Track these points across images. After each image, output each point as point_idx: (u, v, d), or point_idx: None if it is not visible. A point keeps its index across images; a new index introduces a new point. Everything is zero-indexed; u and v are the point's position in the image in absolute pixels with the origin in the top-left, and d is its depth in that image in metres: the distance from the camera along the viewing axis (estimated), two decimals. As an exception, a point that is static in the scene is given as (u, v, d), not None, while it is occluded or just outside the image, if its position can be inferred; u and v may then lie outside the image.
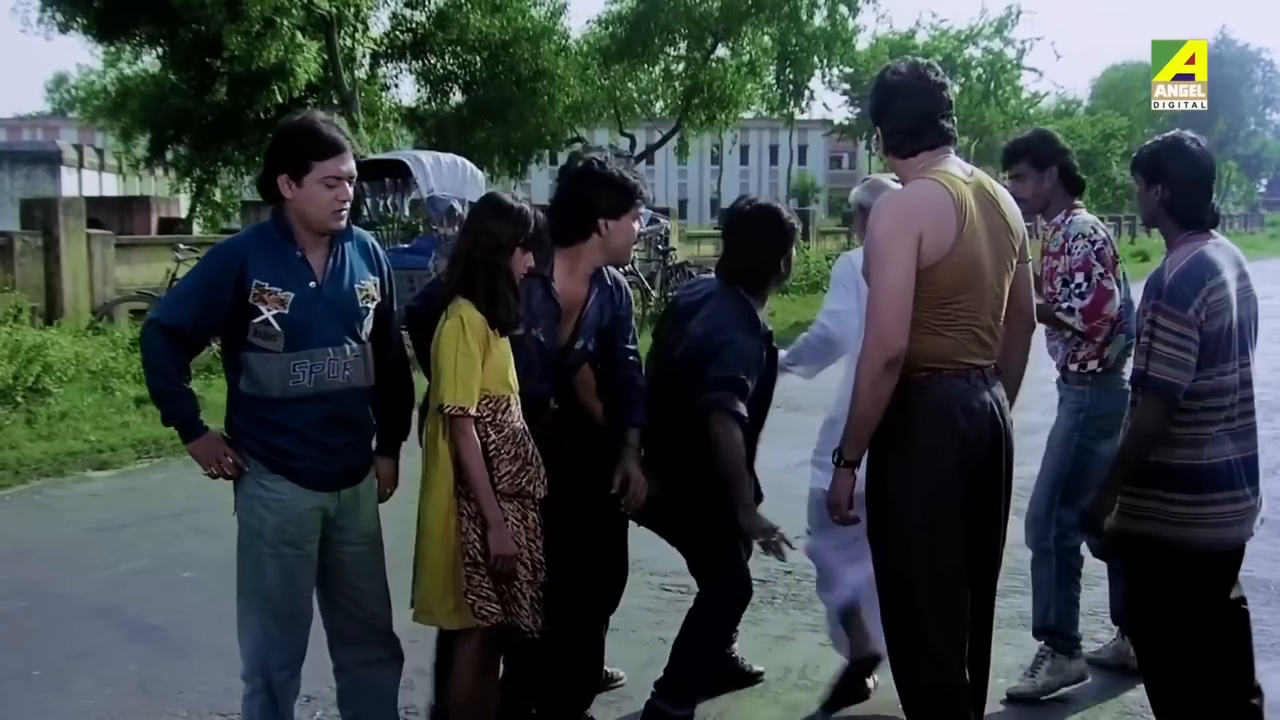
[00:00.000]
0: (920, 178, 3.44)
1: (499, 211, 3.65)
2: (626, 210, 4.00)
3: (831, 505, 3.54)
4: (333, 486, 3.53)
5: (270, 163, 3.46)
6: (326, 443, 3.48)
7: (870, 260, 3.41)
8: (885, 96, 3.56)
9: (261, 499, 3.46)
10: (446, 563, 3.60)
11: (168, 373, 3.42)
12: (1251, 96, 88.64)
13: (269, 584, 3.50)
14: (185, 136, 25.57)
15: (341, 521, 3.57)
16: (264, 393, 3.42)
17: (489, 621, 3.61)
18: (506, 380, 3.62)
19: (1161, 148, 3.73)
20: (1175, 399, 3.51)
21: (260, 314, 3.37)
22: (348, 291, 3.51)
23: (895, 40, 36.97)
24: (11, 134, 62.03)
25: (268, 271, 3.40)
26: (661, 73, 34.55)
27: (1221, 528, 3.60)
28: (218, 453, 3.44)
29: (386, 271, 3.67)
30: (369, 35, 26.14)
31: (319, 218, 3.44)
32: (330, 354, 3.44)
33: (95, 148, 35.42)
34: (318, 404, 3.44)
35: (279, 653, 3.55)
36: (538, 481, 3.67)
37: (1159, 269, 3.63)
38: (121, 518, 7.46)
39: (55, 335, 11.31)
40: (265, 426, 3.44)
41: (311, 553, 3.54)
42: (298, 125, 3.48)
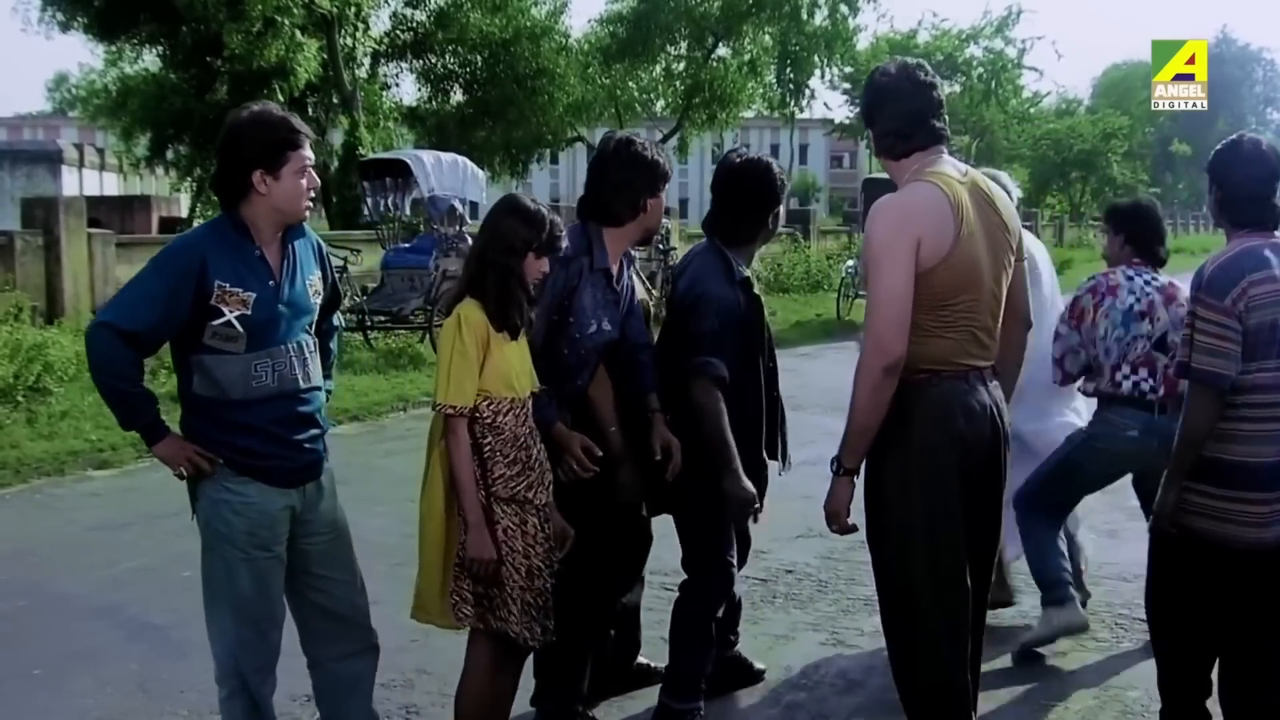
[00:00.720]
0: (916, 180, 3.42)
1: (516, 213, 3.61)
2: (663, 187, 4.04)
3: (829, 515, 3.52)
4: (299, 482, 3.49)
5: (238, 160, 3.34)
6: (291, 439, 3.43)
7: (868, 265, 3.40)
8: (875, 98, 3.55)
9: (229, 503, 3.38)
10: (439, 562, 3.59)
11: (127, 375, 3.32)
12: (1252, 96, 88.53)
13: (241, 589, 3.42)
14: (186, 136, 25.59)
15: (306, 516, 3.52)
16: (225, 394, 3.33)
17: (464, 624, 3.60)
18: (510, 383, 3.58)
19: (1219, 151, 3.74)
20: (1222, 388, 3.48)
21: (222, 315, 3.29)
22: (301, 289, 3.46)
23: (896, 39, 36.97)
24: (12, 133, 62.04)
25: (229, 272, 3.30)
26: (662, 72, 34.57)
27: (1249, 528, 3.55)
28: (186, 451, 3.36)
29: (326, 260, 3.66)
30: (369, 34, 26.16)
31: (294, 209, 3.40)
32: (290, 351, 3.40)
33: (96, 147, 35.42)
34: (280, 403, 3.39)
35: (255, 656, 3.50)
36: (540, 488, 3.64)
37: (1204, 263, 3.65)
38: (122, 517, 7.46)
39: (56, 335, 11.31)
40: (228, 428, 3.35)
41: (281, 554, 3.49)
42: (261, 117, 3.38)
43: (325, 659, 3.69)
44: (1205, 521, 3.57)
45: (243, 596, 3.44)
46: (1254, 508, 3.53)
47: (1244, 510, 3.54)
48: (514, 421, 3.59)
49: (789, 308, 20.11)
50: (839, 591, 5.83)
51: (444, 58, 28.77)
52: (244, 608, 3.46)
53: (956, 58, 36.45)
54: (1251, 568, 3.58)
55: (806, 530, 6.63)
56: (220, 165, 3.44)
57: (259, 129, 3.34)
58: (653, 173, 3.98)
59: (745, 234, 4.23)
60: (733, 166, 4.25)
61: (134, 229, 19.02)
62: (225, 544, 3.41)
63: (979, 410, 3.43)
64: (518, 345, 3.63)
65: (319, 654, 3.69)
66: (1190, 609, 3.70)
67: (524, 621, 3.61)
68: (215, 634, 3.52)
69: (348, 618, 3.67)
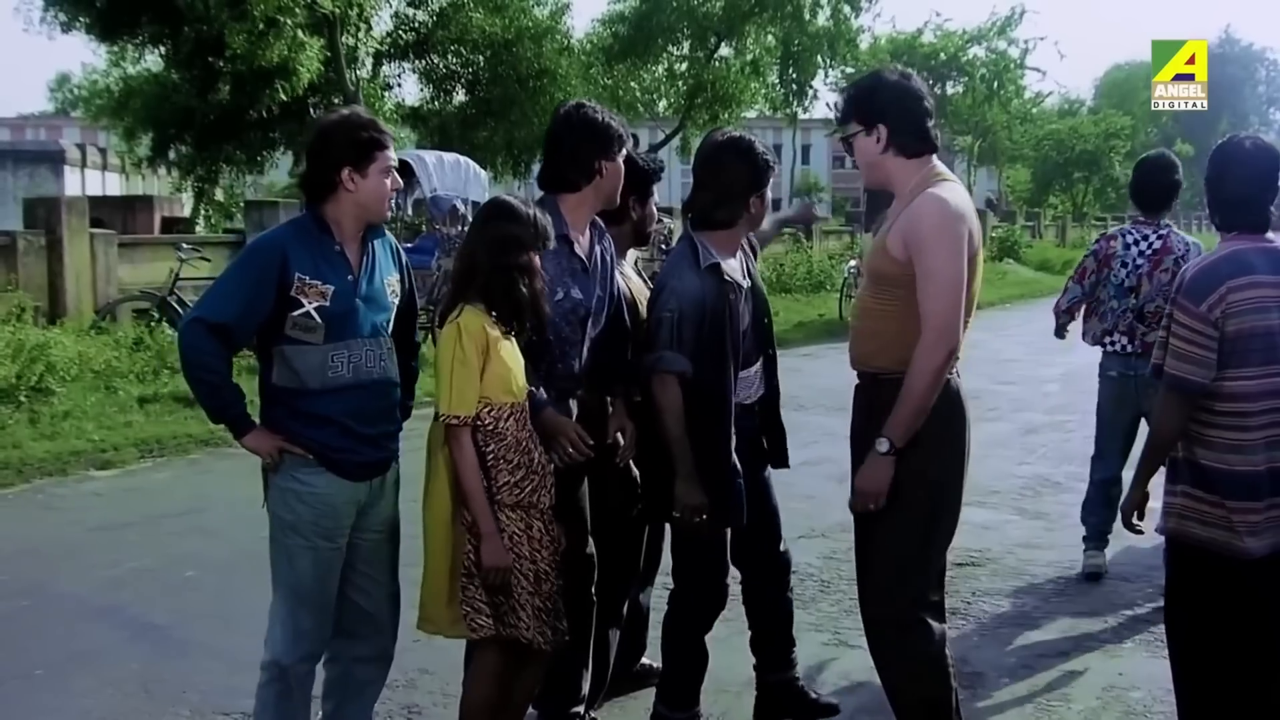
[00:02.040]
0: (945, 180, 3.56)
1: (508, 215, 3.58)
2: (618, 149, 3.94)
3: (867, 495, 3.52)
4: (367, 476, 3.57)
5: (327, 158, 3.46)
6: (363, 433, 3.51)
7: (926, 252, 3.44)
8: (894, 96, 3.59)
9: (297, 492, 3.48)
10: (446, 572, 3.58)
11: (216, 369, 3.41)
12: (1255, 96, 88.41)
13: (301, 577, 3.52)
14: (188, 136, 25.55)
15: (366, 509, 3.60)
16: (303, 384, 3.44)
17: (480, 634, 3.58)
18: (510, 388, 3.57)
19: (1214, 151, 3.69)
20: (1189, 394, 3.47)
21: (301, 306, 3.40)
22: (379, 286, 3.57)
23: (900, 40, 36.97)
24: (15, 133, 62.02)
25: (309, 265, 3.42)
26: (664, 72, 34.51)
27: (1235, 534, 3.50)
28: (274, 443, 3.45)
29: (406, 268, 3.74)
30: (371, 35, 26.14)
31: (378, 207, 3.52)
32: (367, 345, 3.50)
33: (98, 147, 35.39)
34: (356, 394, 3.47)
35: (304, 644, 3.58)
36: (543, 491, 3.63)
37: (1186, 266, 3.68)
38: (124, 517, 7.46)
39: (58, 335, 11.30)
40: (302, 418, 3.46)
41: (343, 545, 3.57)
42: (350, 119, 3.53)
43: (345, 657, 3.74)
44: (1196, 526, 3.56)
45: (302, 584, 3.54)
46: (1239, 515, 3.48)
47: (1227, 516, 3.49)
48: (515, 426, 3.58)
49: (791, 308, 20.11)
50: (841, 592, 5.83)
51: (446, 58, 28.73)
52: (302, 595, 3.55)
53: (960, 58, 36.45)
54: (1245, 576, 3.54)
55: (809, 530, 6.63)
56: (309, 164, 3.54)
57: (349, 128, 3.49)
58: (605, 134, 3.90)
59: (721, 219, 3.98)
60: (713, 144, 4.07)
61: (136, 229, 18.97)
62: (290, 532, 3.51)
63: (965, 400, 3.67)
64: (513, 346, 3.62)
65: (341, 651, 3.74)
66: (1200, 625, 3.64)
67: (536, 626, 3.61)
68: (275, 621, 3.61)
69: (378, 622, 3.73)
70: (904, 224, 3.51)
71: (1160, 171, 6.11)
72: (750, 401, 4.15)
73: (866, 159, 3.64)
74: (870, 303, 3.67)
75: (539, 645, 3.63)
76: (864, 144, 3.62)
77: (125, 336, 12.18)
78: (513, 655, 3.68)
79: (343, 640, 3.72)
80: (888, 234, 3.56)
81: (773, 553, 4.38)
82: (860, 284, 3.85)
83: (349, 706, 3.77)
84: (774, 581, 4.39)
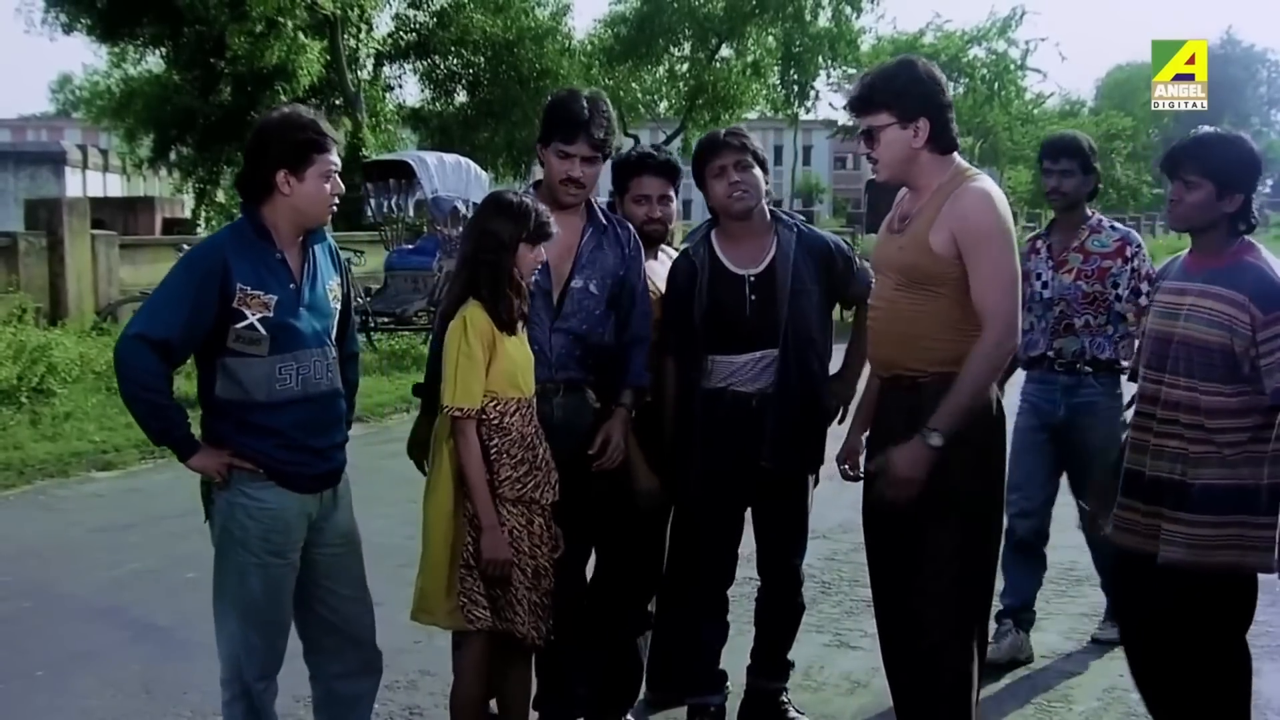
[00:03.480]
0: (978, 176, 3.53)
1: (499, 210, 3.63)
2: (555, 136, 3.87)
3: (903, 483, 3.41)
4: (318, 488, 3.46)
5: (263, 159, 3.34)
6: (312, 445, 3.42)
7: (982, 248, 3.39)
8: (935, 89, 3.51)
9: (245, 507, 3.36)
10: (446, 563, 3.59)
11: (158, 388, 3.28)
12: (1256, 97, 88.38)
13: (252, 594, 3.41)
14: (189, 137, 25.60)
15: (321, 524, 3.50)
16: (249, 396, 3.32)
17: (476, 625, 3.58)
18: (516, 383, 3.58)
19: (1236, 151, 3.47)
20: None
21: (244, 318, 3.28)
22: (321, 293, 3.46)
23: (901, 40, 36.92)
24: (16, 135, 62.04)
25: (250, 274, 3.30)
26: (666, 73, 34.55)
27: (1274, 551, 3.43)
28: (222, 461, 3.34)
29: (346, 270, 3.65)
30: (372, 36, 26.15)
31: (316, 212, 3.40)
32: (314, 355, 3.39)
33: (99, 148, 35.39)
34: (304, 406, 3.37)
35: (259, 662, 3.47)
36: (546, 487, 3.64)
37: (1261, 276, 3.37)
38: (125, 518, 7.46)
39: (59, 336, 11.33)
40: (249, 430, 3.34)
41: (295, 561, 3.46)
42: (290, 118, 3.39)
43: (325, 674, 3.66)
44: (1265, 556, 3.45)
45: (253, 602, 3.42)
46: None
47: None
48: (520, 421, 3.59)
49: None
50: (842, 593, 5.83)
51: (447, 59, 28.76)
52: (253, 613, 3.43)
53: (961, 59, 36.41)
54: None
55: (810, 531, 6.62)
56: (246, 164, 3.45)
57: (286, 129, 3.36)
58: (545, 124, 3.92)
59: (711, 210, 4.18)
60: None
61: (137, 230, 19.01)
62: (239, 548, 3.39)
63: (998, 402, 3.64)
64: (520, 343, 3.63)
65: (319, 668, 3.67)
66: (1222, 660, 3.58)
67: (531, 621, 3.61)
68: (222, 637, 3.50)
69: (351, 635, 3.62)
70: (952, 220, 3.40)
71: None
72: (747, 390, 4.08)
73: (897, 153, 3.49)
74: (903, 303, 3.52)
75: (532, 641, 3.64)
76: (897, 137, 3.47)
77: (126, 338, 12.17)
78: (499, 650, 3.68)
79: (318, 657, 3.64)
80: (929, 230, 3.43)
81: (791, 565, 4.36)
82: (878, 283, 3.72)
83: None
84: (787, 593, 4.36)
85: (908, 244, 3.51)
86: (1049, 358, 4.97)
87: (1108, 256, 4.91)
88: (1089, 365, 4.91)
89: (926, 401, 3.44)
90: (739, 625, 4.48)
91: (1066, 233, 5.03)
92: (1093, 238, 4.96)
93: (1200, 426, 3.42)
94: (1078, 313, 4.91)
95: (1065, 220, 5.07)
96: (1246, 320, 3.33)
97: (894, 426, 3.56)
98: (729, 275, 4.07)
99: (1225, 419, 3.39)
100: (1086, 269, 4.91)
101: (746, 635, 4.77)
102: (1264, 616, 5.41)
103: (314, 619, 3.60)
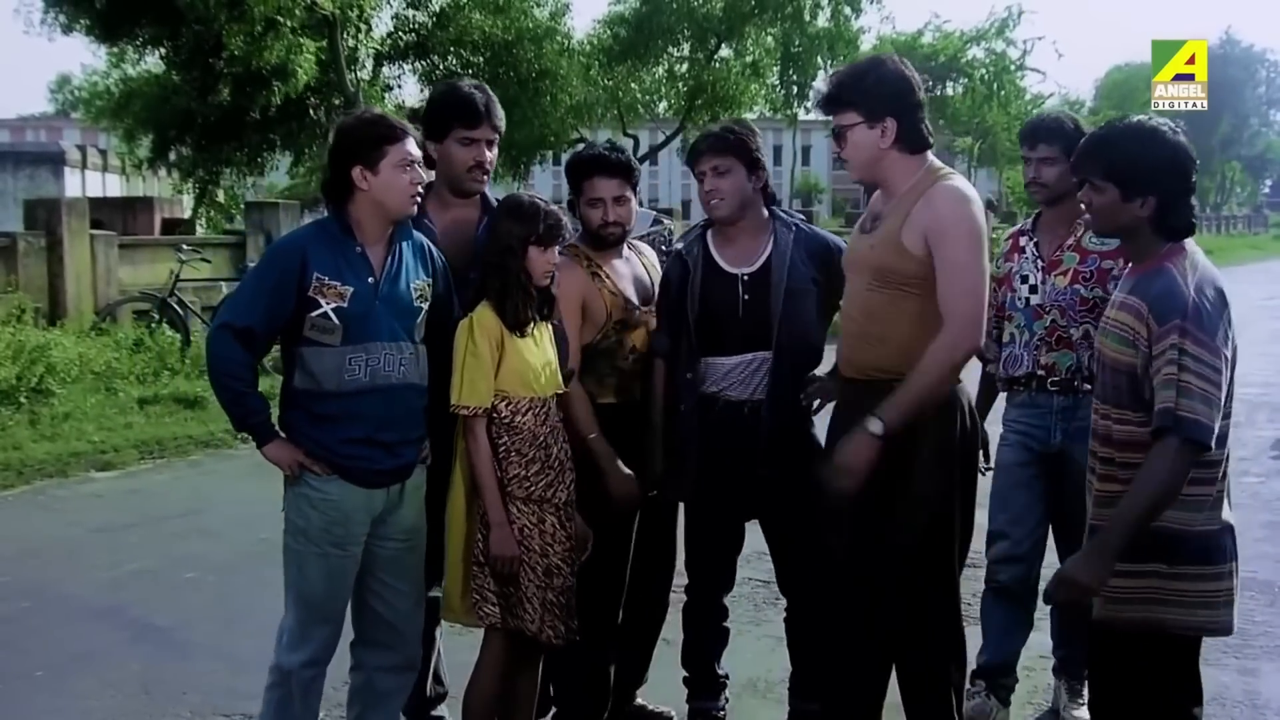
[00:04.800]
0: (950, 174, 3.47)
1: (509, 212, 3.65)
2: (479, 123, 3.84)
3: (845, 469, 3.35)
4: (383, 484, 3.52)
5: (339, 159, 3.46)
6: (379, 439, 3.47)
7: (949, 244, 3.33)
8: (903, 88, 3.44)
9: (309, 497, 3.45)
10: (463, 561, 3.62)
11: (241, 376, 3.42)
12: (1255, 97, 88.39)
13: (309, 583, 3.50)
14: (188, 137, 25.55)
15: (385, 518, 3.56)
16: (319, 386, 3.41)
17: (487, 622, 3.62)
18: (528, 382, 3.60)
19: (1141, 149, 3.00)
20: (1208, 445, 2.86)
21: (319, 307, 3.38)
22: (404, 290, 3.52)
23: (901, 40, 36.92)
24: (15, 135, 62.03)
25: (328, 265, 3.41)
26: (665, 73, 34.51)
27: (1201, 609, 3.00)
28: (295, 455, 3.43)
29: (442, 271, 3.67)
30: (371, 36, 26.14)
31: (397, 203, 3.45)
32: (386, 349, 3.45)
33: (98, 148, 35.34)
34: (372, 398, 3.43)
35: (308, 650, 3.54)
36: (560, 486, 3.65)
37: (1167, 285, 2.93)
38: (124, 518, 7.46)
39: (58, 336, 11.32)
40: (317, 421, 3.43)
41: (356, 555, 3.53)
42: (361, 116, 3.56)
43: (369, 665, 3.71)
44: (1192, 613, 3.02)
45: (310, 591, 3.51)
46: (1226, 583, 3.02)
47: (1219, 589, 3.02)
48: (533, 420, 3.61)
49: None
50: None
51: (446, 59, 28.72)
52: (309, 602, 3.53)
53: (960, 59, 36.43)
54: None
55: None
56: (328, 165, 3.54)
57: (355, 127, 3.50)
58: (438, 116, 3.87)
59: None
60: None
61: (136, 230, 18.95)
62: (301, 537, 3.49)
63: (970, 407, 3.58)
64: (537, 344, 3.64)
65: (364, 659, 3.71)
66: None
67: (546, 620, 3.62)
68: (282, 622, 3.59)
69: (400, 631, 3.68)
70: (923, 218, 3.35)
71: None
72: (738, 399, 3.99)
73: (865, 153, 3.45)
74: (876, 304, 3.45)
75: (547, 639, 3.65)
76: (865, 137, 3.43)
77: (125, 338, 12.18)
78: (521, 649, 3.70)
79: (366, 649, 3.70)
80: (900, 229, 3.39)
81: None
82: (851, 285, 3.62)
83: (371, 715, 3.74)
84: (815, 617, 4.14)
85: (879, 243, 3.46)
86: (1038, 376, 4.20)
87: (1109, 256, 4.09)
88: (1088, 382, 3.95)
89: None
90: (739, 626, 4.48)
91: (1057, 229, 4.28)
92: (1090, 234, 4.13)
93: (1112, 461, 3.04)
94: (1075, 322, 4.14)
95: (1054, 215, 4.30)
96: (1145, 334, 2.92)
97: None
98: (722, 274, 4.03)
99: (1135, 453, 2.95)
100: (1085, 270, 4.15)
101: (746, 636, 4.78)
102: (1263, 616, 5.45)
103: (367, 612, 3.66)
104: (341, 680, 3.88)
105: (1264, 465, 8.92)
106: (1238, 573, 3.08)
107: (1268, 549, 6.44)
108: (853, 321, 3.57)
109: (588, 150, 4.17)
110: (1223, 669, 4.86)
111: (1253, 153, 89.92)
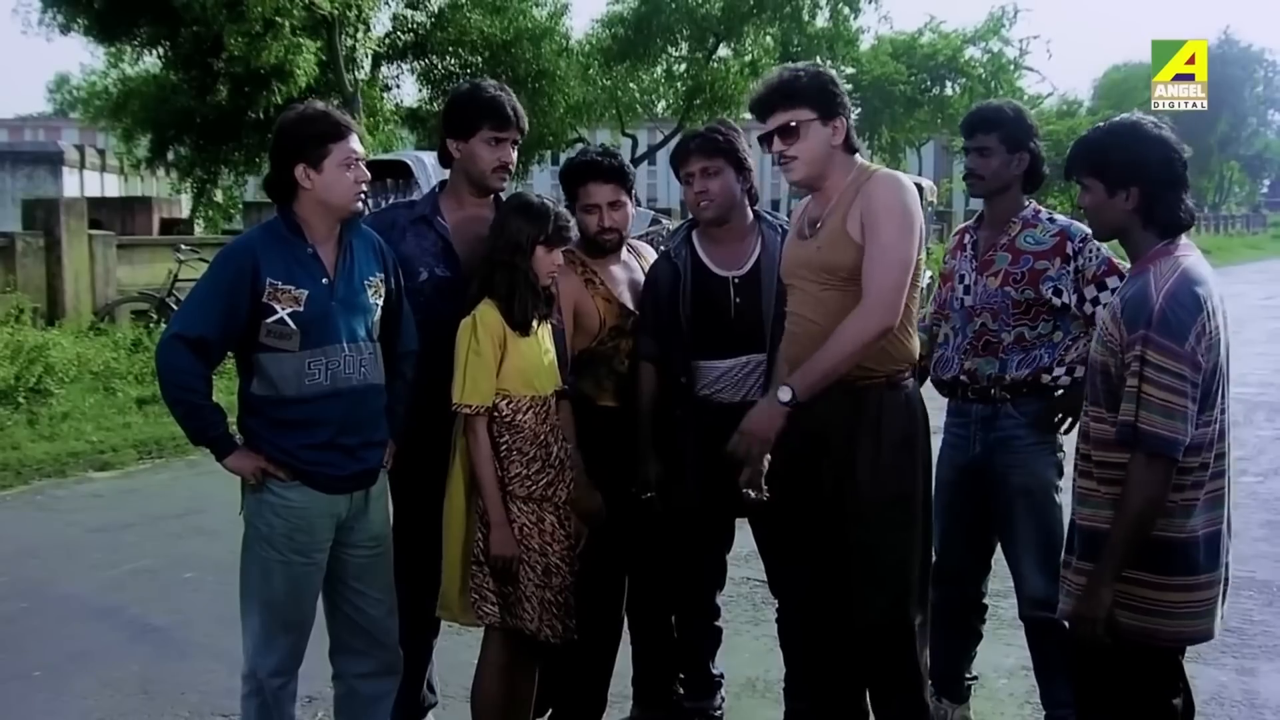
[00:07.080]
0: (884, 169, 3.54)
1: (517, 211, 3.64)
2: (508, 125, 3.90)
3: (749, 434, 3.33)
4: (347, 489, 3.45)
5: (281, 157, 3.38)
6: (341, 443, 3.41)
7: (879, 228, 3.33)
8: (842, 91, 3.52)
9: (271, 504, 3.37)
10: (462, 560, 3.62)
11: (195, 388, 3.30)
12: (1254, 97, 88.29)
13: (273, 592, 3.42)
14: (186, 137, 25.55)
15: (350, 524, 3.50)
16: (279, 393, 3.33)
17: (486, 621, 3.62)
18: (529, 381, 3.60)
19: (1121, 141, 3.04)
20: (1174, 458, 2.85)
21: (274, 313, 3.30)
22: (358, 287, 3.45)
23: (899, 40, 36.95)
24: (13, 135, 62.04)
25: (279, 268, 3.32)
26: (663, 73, 34.53)
27: (1184, 619, 2.98)
28: (256, 463, 3.35)
29: (392, 266, 3.62)
30: (370, 36, 26.14)
31: (342, 201, 3.39)
32: (345, 350, 3.37)
33: (97, 148, 35.35)
34: (334, 402, 3.36)
35: (275, 659, 3.47)
36: (560, 485, 3.66)
37: (1139, 289, 2.93)
38: (123, 518, 7.46)
39: (57, 336, 11.33)
40: (279, 427, 3.35)
41: (321, 561, 3.46)
42: (303, 113, 3.43)
43: (349, 673, 3.67)
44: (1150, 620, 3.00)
45: (274, 599, 3.43)
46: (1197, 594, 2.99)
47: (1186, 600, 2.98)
48: (534, 419, 3.61)
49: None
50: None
51: (445, 59, 28.71)
52: (274, 610, 3.45)
53: (958, 59, 36.47)
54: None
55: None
56: (270, 164, 3.47)
57: (300, 123, 3.40)
58: (466, 115, 3.90)
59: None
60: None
61: (135, 230, 18.98)
62: (264, 544, 3.41)
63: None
64: (538, 343, 3.64)
65: (343, 667, 3.67)
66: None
67: (544, 619, 3.62)
68: (245, 632, 3.52)
69: (375, 637, 3.63)
70: (861, 204, 3.38)
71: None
72: (730, 401, 3.94)
73: (815, 151, 3.44)
74: (833, 303, 3.40)
75: (545, 638, 3.65)
76: (819, 134, 3.44)
77: (124, 338, 12.19)
78: (522, 649, 3.70)
79: (343, 656, 3.65)
80: (844, 222, 3.39)
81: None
82: (796, 296, 3.56)
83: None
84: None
85: (825, 243, 3.45)
86: (962, 382, 4.00)
87: (1043, 255, 3.88)
88: (1007, 391, 3.90)
89: (870, 405, 3.42)
90: (735, 626, 4.48)
91: (994, 227, 4.04)
92: (1026, 233, 3.93)
93: (1089, 458, 3.06)
94: (1007, 326, 3.91)
95: (993, 212, 4.04)
96: (1117, 337, 2.93)
97: (830, 437, 3.44)
98: (712, 277, 4.02)
99: (1107, 451, 2.99)
100: (1015, 272, 3.90)
101: (745, 637, 4.78)
102: (1261, 616, 5.45)
103: (341, 619, 3.61)
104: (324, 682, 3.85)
105: (1263, 465, 8.92)
106: (1229, 576, 3.10)
107: (1266, 549, 6.44)
108: (810, 323, 3.47)
109: (581, 156, 4.15)
110: (1221, 668, 4.87)
111: (1251, 152, 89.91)
